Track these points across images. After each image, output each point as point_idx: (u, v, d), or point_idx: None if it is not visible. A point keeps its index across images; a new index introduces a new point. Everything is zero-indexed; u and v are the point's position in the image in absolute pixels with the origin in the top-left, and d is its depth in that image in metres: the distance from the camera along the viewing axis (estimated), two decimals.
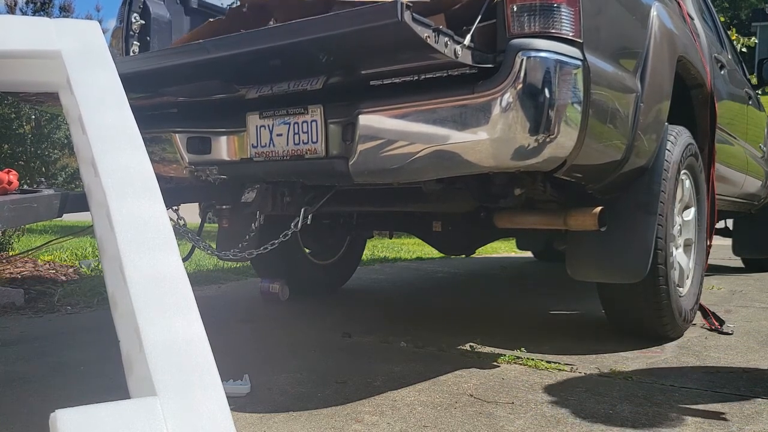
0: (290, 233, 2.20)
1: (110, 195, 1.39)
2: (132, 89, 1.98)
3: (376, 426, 1.55)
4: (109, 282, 1.37)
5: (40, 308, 3.13)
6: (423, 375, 1.99)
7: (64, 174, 9.69)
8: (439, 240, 3.32)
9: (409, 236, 5.57)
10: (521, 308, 3.44)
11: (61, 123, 8.92)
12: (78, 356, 2.21)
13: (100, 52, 1.77)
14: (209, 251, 2.34)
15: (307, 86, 1.93)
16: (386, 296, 3.84)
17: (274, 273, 3.45)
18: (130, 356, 1.21)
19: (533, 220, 2.31)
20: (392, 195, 2.49)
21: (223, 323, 2.78)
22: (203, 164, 2.23)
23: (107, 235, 1.39)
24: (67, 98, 1.69)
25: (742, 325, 2.75)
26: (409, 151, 1.77)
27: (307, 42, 1.63)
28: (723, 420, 1.59)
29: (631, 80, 2.05)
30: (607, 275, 2.26)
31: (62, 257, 4.52)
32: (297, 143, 1.99)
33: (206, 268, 4.68)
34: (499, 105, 1.64)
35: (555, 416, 1.62)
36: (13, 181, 1.67)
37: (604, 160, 2.01)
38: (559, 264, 2.96)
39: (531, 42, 1.67)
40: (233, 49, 1.79)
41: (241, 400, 1.73)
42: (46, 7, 10.21)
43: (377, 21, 1.46)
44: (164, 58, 2.03)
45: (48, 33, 1.74)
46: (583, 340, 2.47)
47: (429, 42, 1.48)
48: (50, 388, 1.85)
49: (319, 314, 3.12)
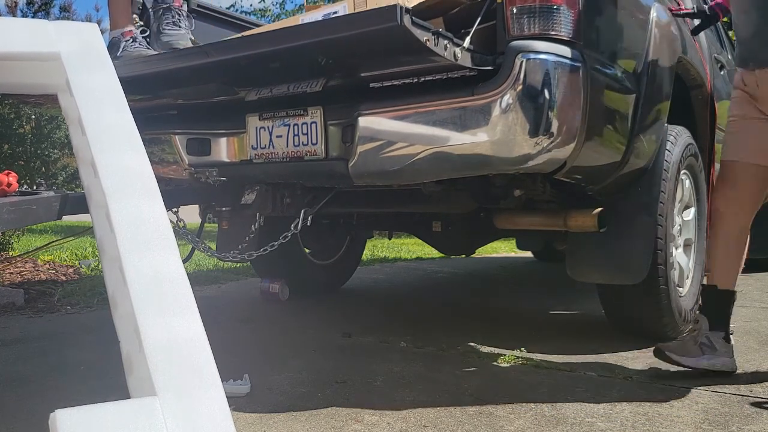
0: (290, 235, 2.20)
1: (110, 196, 1.40)
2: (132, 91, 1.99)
3: (376, 426, 1.55)
4: (109, 282, 1.37)
5: (40, 308, 3.13)
6: (423, 375, 1.99)
7: (64, 174, 9.70)
8: (439, 240, 3.32)
9: (409, 236, 5.57)
10: (521, 308, 3.44)
11: (61, 123, 8.93)
12: (78, 356, 2.22)
13: (99, 54, 1.77)
14: (209, 253, 2.34)
15: (307, 88, 1.93)
16: (386, 296, 3.84)
17: (274, 273, 3.45)
18: (130, 356, 1.21)
19: (533, 221, 2.32)
20: (392, 196, 2.49)
21: (223, 323, 2.78)
22: (203, 166, 2.23)
23: (107, 235, 1.39)
24: (66, 100, 1.69)
25: (742, 325, 2.75)
26: (408, 152, 1.77)
27: (307, 45, 1.64)
28: (723, 420, 1.59)
29: (631, 81, 2.05)
30: (607, 276, 2.26)
31: (62, 257, 4.52)
32: (297, 145, 1.99)
33: (206, 268, 4.68)
34: (498, 107, 1.64)
35: (555, 416, 1.62)
36: (12, 183, 1.67)
37: (604, 162, 2.01)
38: (559, 264, 2.96)
39: (531, 44, 1.67)
40: (234, 52, 1.80)
41: (241, 400, 1.74)
42: (47, 8, 10.21)
43: (377, 25, 1.46)
44: (165, 61, 2.03)
45: (47, 35, 1.74)
46: (583, 340, 2.47)
47: (429, 45, 1.49)
48: (50, 388, 1.86)
49: (319, 314, 3.12)
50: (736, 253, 2.02)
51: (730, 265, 2.02)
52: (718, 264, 2.03)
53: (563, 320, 3.05)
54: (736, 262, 2.02)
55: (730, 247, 2.02)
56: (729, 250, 2.02)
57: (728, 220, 2.00)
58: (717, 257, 2.03)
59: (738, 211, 1.99)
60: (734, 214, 1.99)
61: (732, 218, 1.99)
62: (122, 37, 2.20)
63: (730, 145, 2.04)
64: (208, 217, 2.78)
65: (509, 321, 3.01)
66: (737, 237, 2.01)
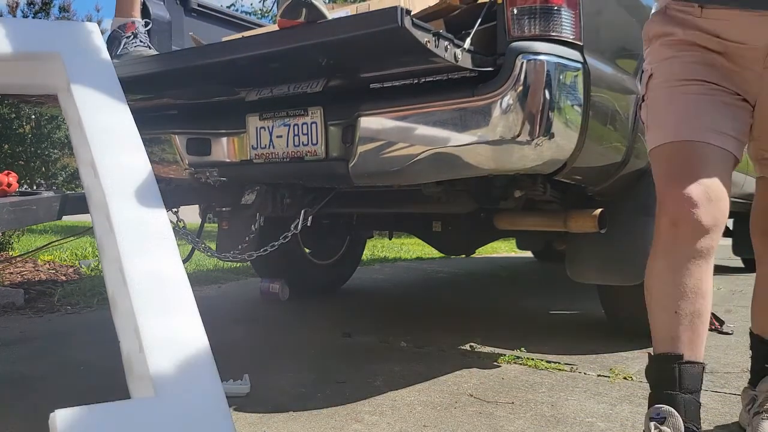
0: (290, 235, 2.20)
1: (110, 196, 1.40)
2: (132, 91, 1.99)
3: (376, 426, 1.56)
4: (109, 282, 1.37)
5: (40, 308, 3.13)
6: (423, 375, 1.99)
7: (65, 174, 9.70)
8: (439, 240, 3.32)
9: (409, 236, 5.58)
10: (521, 308, 3.44)
11: (61, 123, 8.93)
12: (78, 356, 2.22)
13: (99, 54, 1.77)
14: (209, 253, 2.34)
15: (308, 89, 1.93)
16: (386, 296, 3.84)
17: (274, 273, 3.46)
18: (130, 356, 1.21)
19: (533, 222, 2.31)
20: (392, 197, 2.49)
21: (224, 323, 2.78)
22: (203, 166, 2.23)
23: (107, 236, 1.39)
24: (66, 100, 1.70)
25: (742, 325, 2.75)
26: (409, 153, 1.77)
27: (308, 47, 1.64)
28: (723, 420, 1.59)
29: (632, 82, 2.05)
30: (607, 277, 2.26)
31: (62, 257, 4.52)
32: (297, 145, 1.99)
33: (206, 268, 4.68)
34: (499, 108, 1.64)
35: (555, 416, 1.62)
36: (12, 184, 1.67)
37: (605, 163, 2.01)
38: (559, 264, 2.96)
39: (531, 45, 1.67)
40: (236, 53, 1.79)
41: (241, 400, 1.74)
42: (47, 8, 10.21)
43: (378, 26, 1.46)
44: (165, 61, 2.03)
45: (47, 35, 1.74)
46: (583, 340, 2.48)
47: (429, 47, 1.49)
48: (50, 388, 1.86)
49: (319, 314, 3.12)
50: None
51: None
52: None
53: (563, 320, 3.05)
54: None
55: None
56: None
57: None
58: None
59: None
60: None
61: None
62: (123, 32, 2.18)
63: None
64: (208, 217, 2.78)
65: (509, 321, 3.01)
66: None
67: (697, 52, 1.31)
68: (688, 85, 1.30)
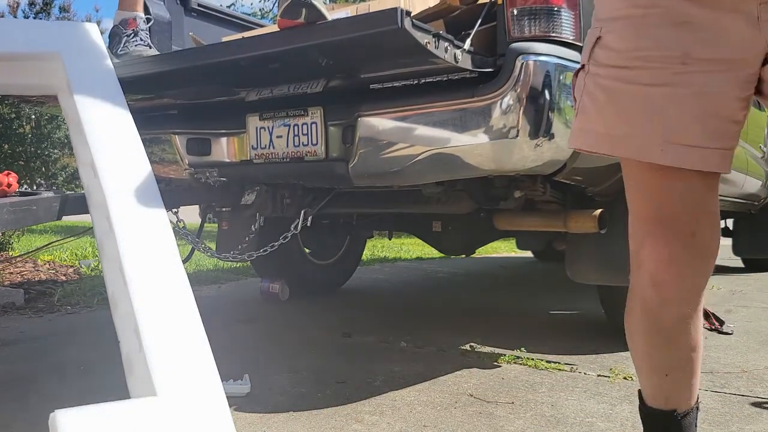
0: (290, 235, 2.20)
1: (110, 196, 1.40)
2: (133, 91, 1.99)
3: (376, 426, 1.56)
4: (109, 282, 1.38)
5: (40, 308, 3.13)
6: (423, 375, 1.99)
7: (65, 174, 9.70)
8: (439, 240, 3.32)
9: (409, 236, 5.57)
10: (521, 308, 3.44)
11: (61, 123, 8.92)
12: (78, 356, 2.22)
13: (99, 54, 1.77)
14: (209, 253, 2.34)
15: (308, 89, 1.93)
16: (386, 296, 3.84)
17: (274, 273, 3.46)
18: (130, 356, 1.21)
19: (533, 222, 2.31)
20: (392, 197, 2.49)
21: (223, 323, 2.78)
22: (203, 166, 2.23)
23: (107, 236, 1.39)
24: (66, 100, 1.70)
25: (742, 325, 2.75)
26: (409, 154, 1.77)
27: (308, 48, 1.64)
28: (723, 420, 1.59)
29: None
30: (606, 278, 2.26)
31: (62, 257, 4.52)
32: (297, 145, 2.00)
33: (206, 268, 4.68)
34: (499, 108, 1.64)
35: (555, 416, 1.62)
36: (12, 184, 1.67)
37: (605, 163, 2.00)
38: (559, 264, 2.96)
39: (531, 46, 1.67)
40: (236, 54, 1.80)
41: (241, 400, 1.74)
42: (48, 8, 10.21)
43: (378, 28, 1.46)
44: (165, 61, 2.03)
45: (47, 35, 1.75)
46: (583, 340, 2.48)
47: (429, 48, 1.49)
48: (50, 388, 1.86)
49: (319, 314, 3.12)
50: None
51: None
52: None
53: (563, 320, 3.05)
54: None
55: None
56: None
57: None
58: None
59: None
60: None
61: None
62: (124, 29, 2.17)
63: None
64: (208, 217, 2.78)
65: (509, 321, 3.01)
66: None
67: (660, 8, 0.91)
68: (648, 69, 0.92)
